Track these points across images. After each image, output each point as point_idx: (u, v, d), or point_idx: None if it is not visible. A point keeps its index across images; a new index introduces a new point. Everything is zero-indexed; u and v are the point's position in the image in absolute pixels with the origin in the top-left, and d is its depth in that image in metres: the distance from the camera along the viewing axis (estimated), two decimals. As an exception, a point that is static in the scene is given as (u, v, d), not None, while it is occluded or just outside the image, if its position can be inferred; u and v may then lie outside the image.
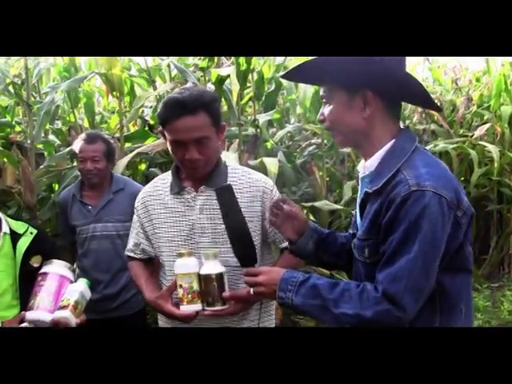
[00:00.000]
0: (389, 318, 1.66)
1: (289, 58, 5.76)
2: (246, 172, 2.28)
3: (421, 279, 1.64)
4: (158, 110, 2.16)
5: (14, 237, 2.42)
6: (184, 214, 2.21)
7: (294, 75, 1.97)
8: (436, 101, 6.09)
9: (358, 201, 1.82)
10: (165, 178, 2.31)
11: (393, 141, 1.75)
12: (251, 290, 1.89)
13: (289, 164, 5.20)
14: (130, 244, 2.39)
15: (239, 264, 1.98)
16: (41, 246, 2.45)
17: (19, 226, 2.46)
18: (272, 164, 4.33)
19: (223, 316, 2.09)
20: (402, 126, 1.82)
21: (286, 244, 2.19)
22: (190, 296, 2.04)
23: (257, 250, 2.07)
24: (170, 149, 2.14)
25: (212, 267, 2.03)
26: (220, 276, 2.02)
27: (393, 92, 1.76)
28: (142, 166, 4.94)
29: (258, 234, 2.21)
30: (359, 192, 1.84)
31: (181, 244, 2.20)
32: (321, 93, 1.81)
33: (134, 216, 2.37)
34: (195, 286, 2.03)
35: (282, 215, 1.99)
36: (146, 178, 4.88)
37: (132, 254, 2.38)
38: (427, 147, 5.88)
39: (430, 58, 7.44)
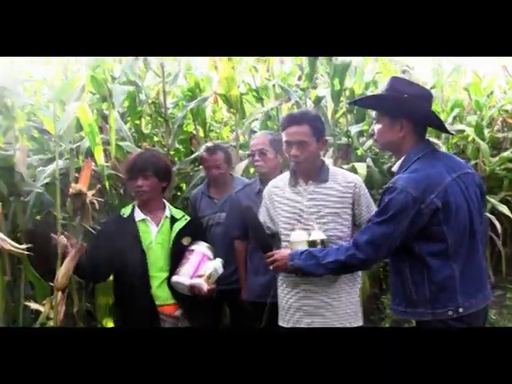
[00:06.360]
0: (355, 261, 2.34)
1: (376, 75, 6.28)
2: (343, 172, 3.05)
3: (380, 238, 2.28)
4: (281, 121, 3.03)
5: (173, 220, 3.13)
6: (297, 201, 2.95)
7: (358, 103, 2.87)
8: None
9: None
10: (284, 176, 3.08)
11: (408, 152, 2.39)
12: (271, 266, 2.73)
13: (376, 168, 5.59)
14: None
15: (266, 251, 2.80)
16: (191, 230, 3.17)
17: (177, 213, 3.20)
18: (361, 168, 4.90)
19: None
20: (425, 140, 2.45)
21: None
22: None
23: (349, 229, 2.89)
24: (284, 149, 2.97)
25: (317, 235, 2.74)
26: (323, 242, 2.72)
27: (420, 121, 2.43)
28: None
29: (350, 216, 2.94)
30: None
31: (293, 223, 2.92)
32: (373, 115, 2.54)
33: (262, 203, 3.13)
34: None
35: None
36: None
37: None
38: (505, 153, 6.38)
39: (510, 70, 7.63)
